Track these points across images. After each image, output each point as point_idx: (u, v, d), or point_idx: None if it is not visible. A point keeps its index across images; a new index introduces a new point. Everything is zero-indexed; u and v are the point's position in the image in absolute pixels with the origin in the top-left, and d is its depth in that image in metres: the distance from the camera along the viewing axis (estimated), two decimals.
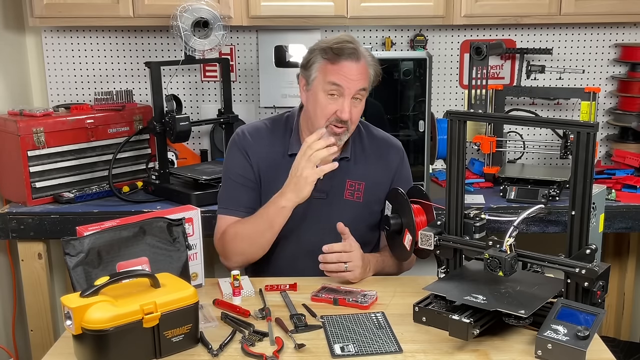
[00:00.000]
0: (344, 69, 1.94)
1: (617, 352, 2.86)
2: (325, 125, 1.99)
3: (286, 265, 2.09)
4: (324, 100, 1.97)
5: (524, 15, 2.79)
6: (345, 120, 1.97)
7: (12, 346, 2.83)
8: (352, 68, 1.95)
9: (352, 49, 1.95)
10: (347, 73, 1.94)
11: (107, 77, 3.11)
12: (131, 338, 1.49)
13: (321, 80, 1.97)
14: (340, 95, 1.96)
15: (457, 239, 1.79)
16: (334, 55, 1.95)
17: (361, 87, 1.97)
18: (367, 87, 2.00)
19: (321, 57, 1.98)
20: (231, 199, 2.10)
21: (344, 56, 1.94)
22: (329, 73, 1.95)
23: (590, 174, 1.56)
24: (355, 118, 2.01)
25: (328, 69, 1.96)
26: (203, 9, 2.61)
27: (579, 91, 2.83)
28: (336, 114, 1.97)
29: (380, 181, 2.13)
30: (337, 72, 1.95)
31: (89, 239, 1.71)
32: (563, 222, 2.52)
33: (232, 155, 2.13)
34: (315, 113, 2.00)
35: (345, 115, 1.96)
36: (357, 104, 1.99)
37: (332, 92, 1.96)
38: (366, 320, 1.71)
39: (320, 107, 1.98)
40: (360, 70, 1.96)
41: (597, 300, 1.57)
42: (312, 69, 2.00)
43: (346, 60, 1.94)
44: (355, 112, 1.99)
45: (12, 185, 2.65)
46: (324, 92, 1.97)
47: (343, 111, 1.96)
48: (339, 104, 1.96)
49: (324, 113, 1.98)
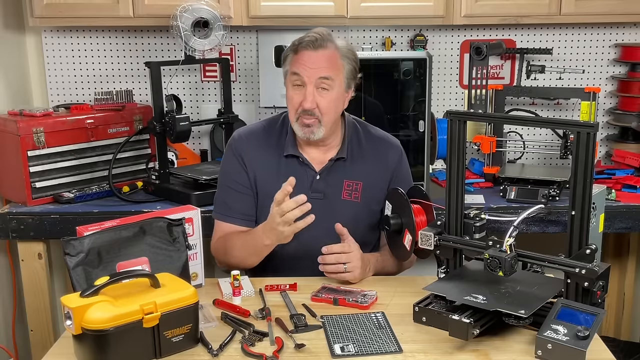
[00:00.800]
0: (303, 57, 1.97)
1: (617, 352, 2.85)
2: (295, 118, 2.00)
3: (286, 265, 2.09)
4: (291, 91, 2.01)
5: (524, 15, 2.79)
6: (308, 110, 1.97)
7: (12, 346, 2.83)
8: (310, 56, 1.96)
9: (313, 38, 1.97)
10: (305, 61, 1.96)
11: (107, 77, 3.11)
12: (131, 338, 1.49)
13: (288, 73, 2.01)
14: (304, 85, 1.97)
15: (457, 239, 1.79)
16: (296, 46, 1.99)
17: (322, 75, 1.96)
18: (331, 77, 1.98)
19: (289, 51, 2.02)
20: (225, 205, 2.12)
21: (303, 45, 1.97)
22: (292, 64, 1.99)
23: (590, 174, 1.56)
24: (324, 108, 1.99)
25: (292, 60, 2.00)
26: (203, 9, 2.61)
27: (579, 91, 2.83)
28: (301, 104, 1.98)
29: (378, 180, 2.12)
30: (297, 61, 1.98)
31: (89, 239, 1.71)
32: (563, 222, 2.52)
33: (228, 161, 2.14)
34: (288, 107, 2.03)
35: (306, 104, 1.96)
36: (323, 93, 1.98)
37: (296, 82, 1.99)
38: (366, 320, 1.71)
39: (289, 99, 2.02)
40: (320, 59, 1.96)
41: (597, 300, 1.57)
42: (285, 64, 2.04)
43: (305, 49, 1.97)
44: (322, 101, 1.98)
45: (12, 185, 2.65)
46: (291, 83, 2.00)
47: (305, 100, 1.97)
48: (302, 94, 1.98)
49: (292, 104, 2.00)
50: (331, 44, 1.99)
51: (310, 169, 2.09)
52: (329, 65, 1.97)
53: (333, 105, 2.01)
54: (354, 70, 2.04)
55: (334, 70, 1.98)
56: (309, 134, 2.01)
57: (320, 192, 2.08)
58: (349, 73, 2.03)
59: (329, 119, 2.02)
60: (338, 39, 2.03)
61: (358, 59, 2.06)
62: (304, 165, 2.09)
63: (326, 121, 2.01)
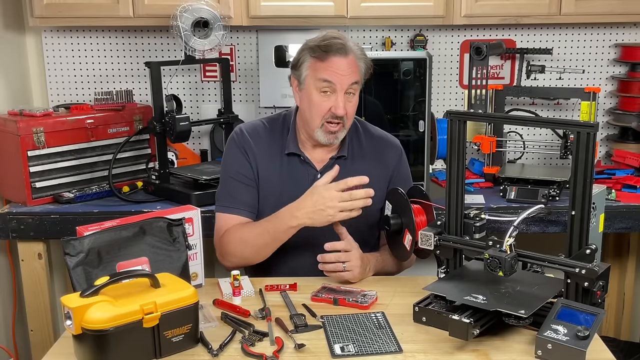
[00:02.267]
0: (334, 64, 1.96)
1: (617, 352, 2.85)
2: (320, 124, 1.99)
3: (285, 264, 2.09)
4: (318, 98, 1.99)
5: (524, 15, 2.79)
6: (340, 116, 1.98)
7: (12, 346, 2.83)
8: (341, 63, 1.96)
9: (339, 44, 1.96)
10: (337, 68, 1.96)
11: (107, 77, 3.12)
12: (131, 338, 1.49)
13: (313, 79, 1.98)
14: (333, 92, 1.97)
15: (457, 239, 1.79)
16: (322, 52, 1.96)
17: (353, 81, 1.98)
18: (358, 81, 2.00)
19: (310, 55, 1.99)
20: (231, 197, 2.09)
21: (332, 52, 1.96)
22: (319, 70, 1.97)
23: (590, 174, 1.56)
24: (350, 113, 2.01)
25: (318, 66, 1.97)
26: (203, 9, 2.61)
27: (579, 91, 2.83)
28: (331, 110, 1.98)
29: (378, 180, 2.12)
30: (327, 68, 1.96)
31: (89, 239, 1.71)
32: (563, 222, 2.52)
33: (231, 154, 2.13)
34: (311, 112, 2.01)
35: (340, 111, 1.97)
36: (350, 98, 2.00)
37: (325, 89, 1.97)
38: (366, 320, 1.71)
39: (315, 105, 1.99)
40: (350, 65, 1.97)
41: (597, 300, 1.57)
42: (302, 69, 2.01)
43: (334, 56, 1.96)
44: (349, 106, 2.00)
45: (12, 185, 2.65)
46: (317, 89, 1.98)
47: (338, 107, 1.97)
48: (332, 101, 1.97)
49: (319, 111, 1.99)
50: (350, 49, 1.99)
51: (311, 167, 2.09)
52: (355, 71, 1.99)
53: (355, 109, 2.04)
54: (367, 68, 2.05)
55: (359, 75, 2.00)
56: (333, 139, 2.02)
57: None
58: (365, 73, 2.05)
59: (350, 122, 2.05)
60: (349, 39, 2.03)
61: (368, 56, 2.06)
62: (305, 163, 2.09)
63: (348, 125, 2.04)
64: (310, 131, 2.03)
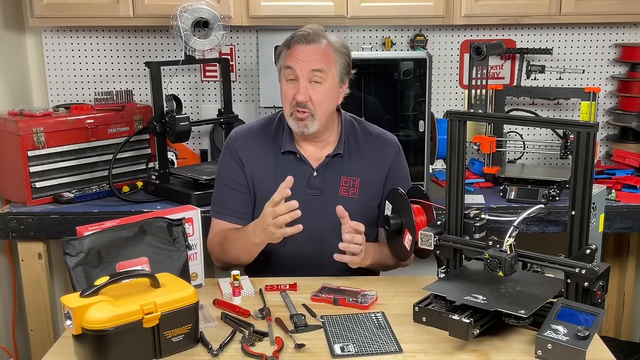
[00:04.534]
0: (296, 51, 1.99)
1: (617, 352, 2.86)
2: (290, 112, 2.02)
3: (284, 263, 2.10)
4: (285, 86, 2.03)
5: (524, 15, 2.79)
6: (301, 103, 1.98)
7: (12, 346, 2.83)
8: (303, 50, 1.99)
9: (305, 33, 2.00)
10: (298, 55, 1.99)
11: (107, 77, 3.11)
12: (131, 338, 1.49)
13: (281, 68, 2.03)
14: (297, 79, 1.99)
15: (457, 239, 1.79)
16: (288, 41, 2.02)
17: (314, 68, 1.98)
18: (325, 70, 1.99)
19: (282, 47, 2.04)
20: (222, 203, 2.13)
21: (295, 39, 2.01)
22: (285, 58, 2.02)
23: (590, 174, 1.56)
24: (317, 101, 2.00)
25: (285, 55, 2.02)
26: (203, 9, 2.61)
27: (579, 91, 2.83)
28: (295, 97, 1.99)
29: (375, 176, 2.13)
30: (290, 55, 2.00)
31: (89, 239, 1.71)
32: (563, 222, 2.52)
33: (224, 160, 2.16)
34: (282, 102, 2.05)
35: (299, 97, 1.98)
36: (316, 87, 2.00)
37: (289, 76, 2.01)
38: (366, 320, 1.71)
39: (283, 94, 2.04)
40: (312, 52, 1.98)
41: (597, 300, 1.57)
42: (278, 61, 2.06)
43: (297, 44, 2.00)
44: (315, 94, 2.00)
45: (12, 185, 2.65)
46: (285, 78, 2.02)
47: (298, 92, 1.98)
48: (296, 88, 2.00)
49: (286, 98, 2.02)
50: (323, 38, 2.02)
51: (307, 165, 2.10)
52: (321, 58, 1.99)
53: (326, 99, 2.02)
54: (347, 65, 2.06)
55: (326, 64, 2.00)
56: (302, 127, 2.02)
57: (317, 189, 2.08)
58: (343, 68, 2.04)
59: (323, 112, 2.03)
60: (331, 34, 2.05)
61: (351, 54, 2.08)
62: (301, 161, 2.09)
63: (320, 115, 2.02)
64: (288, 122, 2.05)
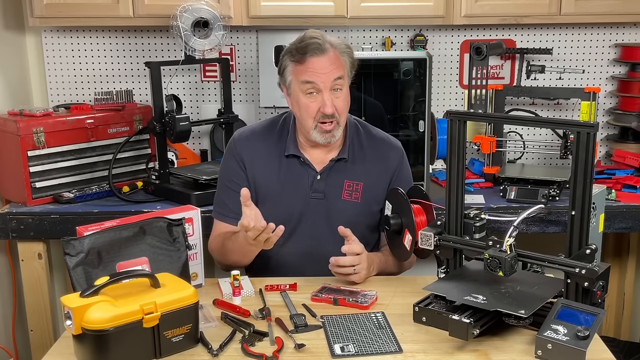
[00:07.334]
0: (313, 65, 1.96)
1: (617, 352, 2.86)
2: (313, 125, 2.00)
3: (285, 265, 2.10)
4: (305, 100, 1.99)
5: (524, 15, 2.79)
6: (330, 114, 1.98)
7: (12, 346, 2.83)
8: (320, 62, 1.96)
9: (316, 43, 1.97)
10: (316, 68, 1.96)
11: (107, 77, 3.11)
12: (131, 338, 1.49)
13: (296, 83, 2.00)
14: (319, 92, 1.97)
15: (457, 239, 1.79)
16: (300, 55, 1.98)
17: (336, 77, 1.98)
18: (342, 75, 2.00)
19: (290, 60, 2.01)
20: (224, 205, 2.13)
21: (309, 53, 1.97)
22: (301, 73, 1.98)
23: (590, 174, 1.56)
24: (341, 108, 2.01)
25: (299, 69, 1.98)
26: (203, 9, 2.61)
27: (579, 91, 2.83)
28: (320, 110, 1.98)
29: (378, 181, 2.13)
30: (307, 70, 1.97)
31: (89, 239, 1.71)
32: (563, 222, 2.52)
33: (227, 161, 2.16)
34: (302, 116, 2.02)
35: (328, 110, 1.97)
36: (338, 94, 2.00)
37: (310, 90, 1.98)
38: (366, 320, 1.71)
39: (304, 108, 2.00)
40: (329, 62, 1.97)
41: (597, 300, 1.57)
42: (286, 74, 2.03)
43: (312, 57, 1.96)
44: (338, 102, 1.99)
45: (12, 185, 2.65)
46: (303, 92, 1.99)
47: (325, 106, 1.97)
48: (319, 101, 1.98)
49: (309, 113, 2.00)
50: (329, 44, 2.00)
51: (311, 169, 2.09)
52: (337, 66, 1.99)
53: (347, 103, 2.04)
54: (353, 62, 2.06)
55: (342, 69, 2.00)
56: (329, 138, 2.02)
57: (320, 192, 2.08)
58: (350, 66, 2.05)
59: (345, 117, 2.05)
60: (329, 35, 2.04)
61: (352, 49, 2.07)
62: (305, 165, 2.09)
63: (343, 120, 2.04)
64: (306, 134, 2.04)
